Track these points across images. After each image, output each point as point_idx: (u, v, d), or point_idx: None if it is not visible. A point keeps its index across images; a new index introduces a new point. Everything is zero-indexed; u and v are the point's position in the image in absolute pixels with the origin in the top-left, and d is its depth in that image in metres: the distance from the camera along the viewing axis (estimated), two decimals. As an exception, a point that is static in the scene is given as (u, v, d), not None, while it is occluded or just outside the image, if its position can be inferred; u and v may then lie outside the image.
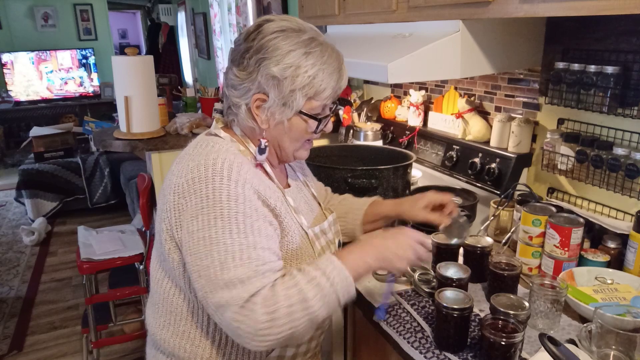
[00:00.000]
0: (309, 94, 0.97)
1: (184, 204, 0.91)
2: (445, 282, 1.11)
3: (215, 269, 0.87)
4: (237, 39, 1.00)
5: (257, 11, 4.09)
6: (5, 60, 6.70)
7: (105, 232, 2.63)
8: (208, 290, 0.88)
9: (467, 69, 1.43)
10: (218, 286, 0.87)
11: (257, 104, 0.97)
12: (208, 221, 0.88)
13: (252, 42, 0.95)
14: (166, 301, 1.03)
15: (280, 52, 0.93)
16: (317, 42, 0.97)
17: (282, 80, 0.94)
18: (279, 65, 0.93)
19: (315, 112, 1.00)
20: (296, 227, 1.04)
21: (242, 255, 0.88)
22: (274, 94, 0.95)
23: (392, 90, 2.44)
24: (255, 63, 0.94)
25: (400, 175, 1.49)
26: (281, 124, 0.99)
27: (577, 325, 1.08)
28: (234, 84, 0.98)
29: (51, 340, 2.90)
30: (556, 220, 1.23)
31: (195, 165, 0.92)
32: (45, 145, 4.71)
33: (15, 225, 4.59)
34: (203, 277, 0.88)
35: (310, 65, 0.95)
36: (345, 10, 1.90)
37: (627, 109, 1.26)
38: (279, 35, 0.94)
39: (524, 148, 1.62)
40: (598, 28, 1.34)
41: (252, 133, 1.03)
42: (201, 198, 0.89)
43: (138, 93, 2.20)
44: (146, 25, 10.37)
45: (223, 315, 0.88)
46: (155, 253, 1.06)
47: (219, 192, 0.89)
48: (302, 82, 0.95)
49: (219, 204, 0.88)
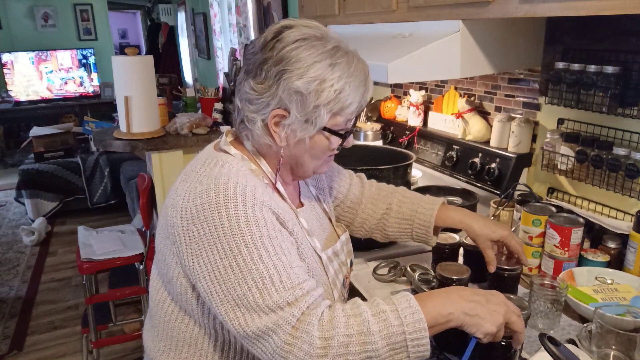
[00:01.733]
0: (334, 110, 0.88)
1: (195, 231, 0.83)
2: (445, 282, 1.11)
3: (255, 296, 0.79)
4: (251, 47, 0.91)
5: (257, 11, 4.09)
6: (5, 60, 6.70)
7: (105, 232, 2.63)
8: (249, 319, 0.79)
9: (467, 69, 1.43)
10: (262, 312, 0.78)
11: (275, 120, 0.89)
12: (231, 250, 0.81)
13: (271, 52, 0.86)
14: (167, 325, 0.96)
15: (303, 64, 0.84)
16: (343, 52, 0.88)
17: (307, 95, 0.85)
18: (303, 78, 0.84)
19: (339, 128, 0.92)
20: (310, 252, 0.98)
21: (282, 277, 0.80)
22: (296, 110, 0.86)
23: (392, 90, 2.45)
24: (275, 76, 0.85)
25: (400, 175, 1.49)
26: (302, 141, 0.91)
27: (577, 325, 1.08)
28: (250, 97, 0.89)
29: (51, 340, 2.90)
30: (556, 220, 1.23)
31: (204, 189, 0.84)
32: (45, 145, 4.71)
33: (15, 225, 4.59)
34: (242, 306, 0.80)
35: (337, 79, 0.86)
36: (345, 10, 1.90)
37: (627, 109, 1.26)
38: (301, 44, 0.85)
39: (524, 148, 1.62)
40: (598, 28, 1.34)
41: (266, 150, 0.95)
42: (215, 226, 0.81)
43: (138, 93, 2.20)
44: (146, 25, 10.38)
45: (270, 340, 0.78)
46: (155, 272, 0.98)
47: (235, 219, 0.81)
48: (328, 97, 0.86)
49: (238, 231, 0.81)
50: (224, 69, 5.32)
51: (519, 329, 0.86)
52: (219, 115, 2.74)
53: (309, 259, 0.96)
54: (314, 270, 0.97)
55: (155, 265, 0.99)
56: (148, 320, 1.05)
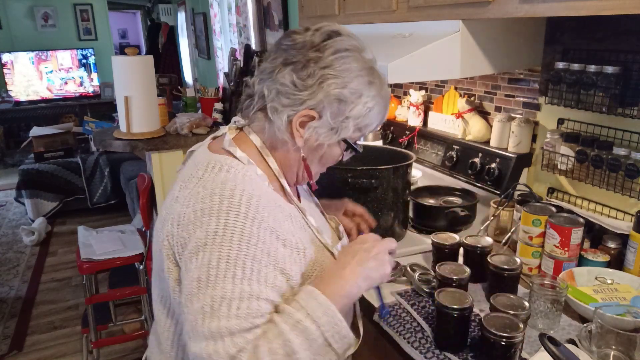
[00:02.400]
0: (359, 125, 0.91)
1: (186, 237, 0.81)
2: (445, 282, 1.11)
3: (205, 316, 0.76)
4: (294, 39, 0.89)
5: (257, 11, 4.09)
6: (5, 60, 6.70)
7: (105, 232, 2.63)
8: (192, 337, 0.77)
9: (467, 69, 1.43)
10: (203, 336, 0.76)
11: (303, 120, 0.88)
12: (209, 261, 0.78)
13: (319, 53, 0.86)
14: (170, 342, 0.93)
15: (349, 75, 0.86)
16: (377, 73, 0.92)
17: (345, 104, 0.87)
18: (346, 88, 0.86)
19: (353, 142, 0.95)
20: (321, 252, 0.95)
21: (241, 304, 0.77)
22: (329, 116, 0.87)
23: (392, 90, 2.45)
24: (319, 78, 0.85)
25: (400, 175, 1.49)
26: (321, 147, 0.92)
27: (577, 325, 1.08)
28: (286, 90, 0.87)
29: (51, 340, 2.90)
30: (556, 220, 1.23)
31: (208, 194, 0.81)
32: (45, 145, 4.71)
33: (15, 225, 4.59)
34: (190, 322, 0.77)
35: (372, 97, 0.89)
36: (345, 10, 1.90)
37: (627, 109, 1.26)
38: (350, 54, 0.87)
39: (524, 148, 1.62)
40: (598, 28, 1.34)
41: (279, 146, 0.93)
42: (207, 233, 0.79)
43: (138, 93, 2.20)
44: (146, 25, 10.38)
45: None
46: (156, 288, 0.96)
47: (232, 229, 0.78)
48: (360, 112, 0.89)
49: (227, 243, 0.78)
50: (224, 69, 5.31)
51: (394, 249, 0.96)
52: (219, 115, 2.74)
53: (322, 258, 0.94)
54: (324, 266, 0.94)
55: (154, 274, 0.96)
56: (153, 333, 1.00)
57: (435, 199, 1.67)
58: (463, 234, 1.36)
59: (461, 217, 1.47)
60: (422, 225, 1.54)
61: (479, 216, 1.59)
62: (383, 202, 1.46)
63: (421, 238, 1.50)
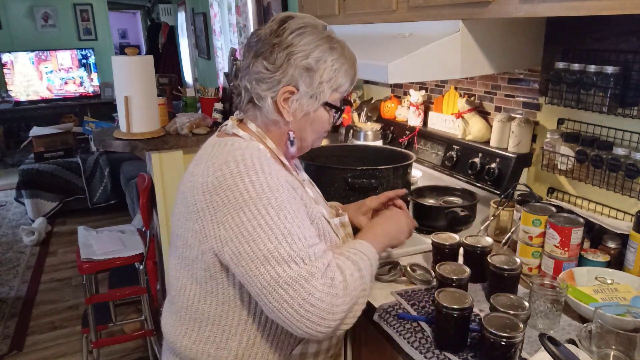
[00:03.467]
0: (334, 87, 1.02)
1: (219, 200, 0.90)
2: (445, 282, 1.11)
3: (285, 248, 0.87)
4: (258, 35, 1.02)
5: (257, 11, 4.09)
6: (5, 60, 6.70)
7: (105, 232, 2.63)
8: (280, 270, 0.86)
9: (467, 69, 1.43)
10: (293, 261, 0.87)
11: (285, 96, 0.99)
12: (258, 211, 0.88)
13: (278, 38, 0.98)
14: (191, 308, 1.01)
15: (309, 47, 0.98)
16: (336, 39, 1.03)
17: (315, 72, 0.98)
18: (309, 58, 0.97)
19: (336, 104, 1.06)
20: (319, 217, 1.05)
21: (305, 234, 0.91)
22: (305, 86, 0.99)
23: (392, 90, 2.44)
24: (286, 57, 0.97)
25: (400, 175, 1.49)
26: (307, 115, 1.03)
27: (577, 325, 1.08)
28: (262, 77, 0.99)
29: (51, 340, 2.90)
30: (556, 220, 1.23)
31: (223, 162, 0.92)
32: (45, 145, 4.71)
33: (15, 225, 4.59)
34: (272, 259, 0.87)
35: (335, 60, 1.00)
36: (345, 10, 1.90)
37: (627, 109, 1.26)
38: (305, 30, 0.99)
39: (524, 148, 1.62)
40: (598, 28, 1.34)
41: (273, 127, 1.05)
42: (240, 192, 0.89)
43: (138, 93, 2.20)
44: (146, 25, 10.38)
45: (301, 289, 0.86)
46: (175, 260, 1.04)
47: (259, 184, 0.89)
48: (329, 75, 1.00)
49: (263, 195, 0.89)
50: (224, 69, 5.32)
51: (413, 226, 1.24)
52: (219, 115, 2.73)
53: (319, 222, 1.04)
54: (325, 233, 1.05)
55: (174, 253, 1.05)
56: (167, 307, 1.10)
57: (435, 199, 1.67)
58: (463, 234, 1.36)
59: (461, 217, 1.47)
60: (422, 225, 1.54)
61: (479, 216, 1.59)
62: (383, 202, 1.46)
63: (421, 238, 1.50)
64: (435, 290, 1.07)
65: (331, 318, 0.88)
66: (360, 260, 0.97)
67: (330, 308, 0.87)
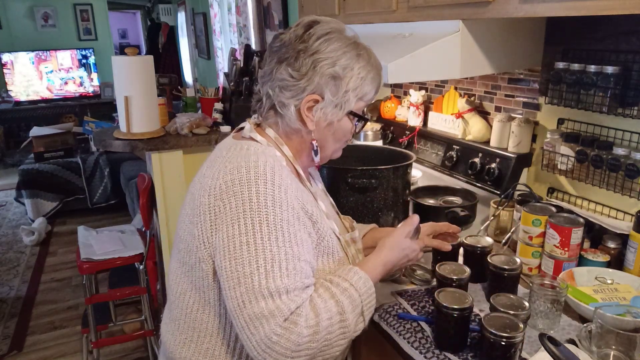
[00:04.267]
0: (359, 95, 0.99)
1: (221, 206, 0.88)
2: (445, 282, 1.11)
3: (260, 277, 0.83)
4: (282, 39, 0.98)
5: (257, 11, 4.09)
6: (5, 60, 6.70)
7: (105, 232, 2.63)
8: (247, 300, 0.83)
9: (467, 69, 1.43)
10: (261, 295, 0.83)
11: (309, 105, 0.97)
12: (252, 226, 0.85)
13: (304, 44, 0.95)
14: (189, 317, 0.98)
15: (336, 54, 0.95)
16: (362, 46, 1.00)
17: (341, 80, 0.95)
18: (336, 66, 0.94)
19: (360, 113, 1.03)
20: (329, 233, 1.02)
21: (289, 265, 0.86)
22: (330, 95, 0.96)
23: (392, 90, 2.45)
24: (312, 64, 0.94)
25: (400, 175, 1.49)
26: (331, 125, 1.00)
27: (577, 325, 1.08)
28: (286, 84, 0.96)
29: (51, 340, 2.90)
30: (556, 220, 1.22)
31: (235, 167, 0.89)
32: (45, 145, 4.71)
33: (15, 225, 4.59)
34: (242, 285, 0.84)
35: (362, 68, 0.97)
36: (345, 10, 1.90)
37: (627, 109, 1.26)
38: (331, 36, 0.96)
39: (524, 148, 1.62)
40: (598, 28, 1.34)
41: (294, 135, 1.02)
42: (243, 201, 0.86)
43: (138, 93, 2.20)
44: (146, 25, 10.38)
45: (260, 328, 0.83)
46: (176, 264, 1.01)
47: (264, 196, 0.86)
48: (355, 83, 0.97)
49: (264, 209, 0.86)
50: (224, 69, 5.32)
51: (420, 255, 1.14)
52: (219, 115, 2.74)
53: (329, 238, 1.01)
54: (333, 250, 1.01)
55: (175, 256, 1.02)
56: (167, 313, 1.07)
57: (435, 199, 1.67)
58: (463, 234, 1.36)
59: (461, 217, 1.47)
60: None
61: (479, 216, 1.59)
62: (383, 202, 1.46)
63: (421, 238, 1.49)
64: (435, 290, 1.07)
65: (299, 356, 0.84)
66: (346, 300, 0.91)
67: (287, 353, 0.83)
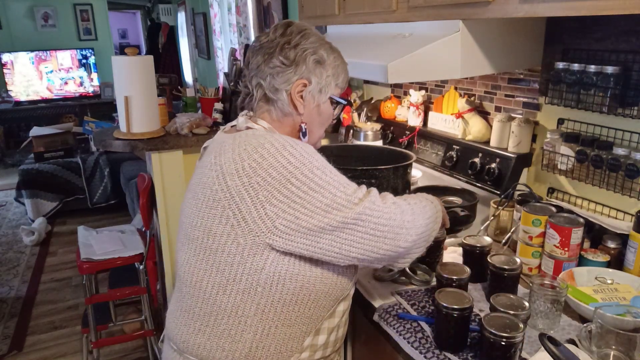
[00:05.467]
0: (336, 81, 1.12)
1: (260, 181, 0.93)
2: (445, 282, 1.11)
3: (341, 195, 0.94)
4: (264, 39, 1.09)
5: (257, 11, 4.09)
6: (5, 60, 6.70)
7: (105, 232, 2.63)
8: (346, 212, 0.93)
9: (467, 69, 1.43)
10: (353, 203, 0.94)
11: (299, 88, 1.07)
12: (305, 176, 0.93)
13: (289, 37, 1.07)
14: (207, 302, 1.01)
15: (315, 45, 1.08)
16: (330, 42, 1.14)
17: (324, 66, 1.08)
18: (316, 54, 1.08)
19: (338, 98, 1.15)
20: None
21: (351, 182, 0.99)
22: (316, 79, 1.08)
23: (392, 90, 2.44)
24: (297, 53, 1.06)
25: (400, 175, 1.49)
26: (317, 107, 1.11)
27: (577, 325, 1.08)
28: (278, 71, 1.06)
29: (51, 340, 2.90)
30: (556, 220, 1.23)
31: (256, 145, 0.95)
32: (45, 145, 4.71)
33: (15, 225, 4.59)
34: (333, 209, 0.93)
35: (335, 57, 1.12)
36: (345, 10, 1.90)
37: (627, 109, 1.26)
38: (308, 32, 1.09)
39: (524, 148, 1.62)
40: (598, 28, 1.34)
41: (286, 120, 1.10)
42: (283, 166, 0.93)
43: (138, 93, 2.20)
44: (146, 25, 10.37)
45: (369, 217, 0.94)
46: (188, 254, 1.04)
47: (298, 154, 0.94)
48: (333, 70, 1.11)
49: (306, 160, 0.94)
50: (224, 69, 5.31)
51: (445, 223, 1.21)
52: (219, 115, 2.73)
53: None
54: None
55: (186, 247, 1.05)
56: (176, 306, 1.09)
57: (435, 199, 1.67)
58: (463, 234, 1.36)
59: (461, 217, 1.47)
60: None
61: (479, 216, 1.59)
62: (383, 202, 1.46)
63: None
64: (436, 290, 1.07)
65: (405, 233, 0.98)
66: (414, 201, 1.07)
67: (402, 224, 0.98)
